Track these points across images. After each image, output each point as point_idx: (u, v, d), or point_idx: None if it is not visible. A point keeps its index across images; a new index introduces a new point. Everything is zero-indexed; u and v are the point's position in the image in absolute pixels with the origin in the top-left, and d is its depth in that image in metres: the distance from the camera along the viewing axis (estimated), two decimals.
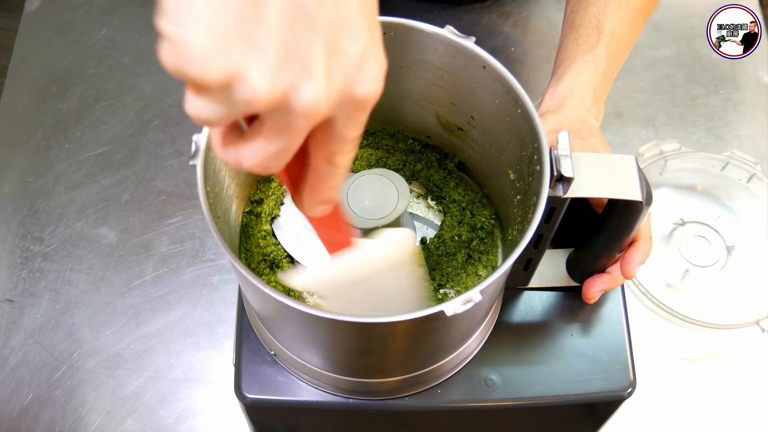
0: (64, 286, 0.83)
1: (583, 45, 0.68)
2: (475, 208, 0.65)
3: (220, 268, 0.84)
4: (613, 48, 0.68)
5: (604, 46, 0.67)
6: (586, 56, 0.66)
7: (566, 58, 0.68)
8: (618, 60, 0.69)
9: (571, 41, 0.69)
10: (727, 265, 0.83)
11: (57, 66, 0.98)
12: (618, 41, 0.68)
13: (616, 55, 0.68)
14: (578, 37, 0.69)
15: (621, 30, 0.68)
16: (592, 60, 0.66)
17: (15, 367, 0.78)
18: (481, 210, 0.65)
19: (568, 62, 0.67)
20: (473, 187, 0.67)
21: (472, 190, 0.66)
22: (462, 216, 0.64)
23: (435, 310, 0.45)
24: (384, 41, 0.35)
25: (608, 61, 0.67)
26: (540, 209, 0.49)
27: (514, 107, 0.54)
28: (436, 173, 0.66)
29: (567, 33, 0.70)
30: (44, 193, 0.88)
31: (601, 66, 0.66)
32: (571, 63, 0.67)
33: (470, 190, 0.66)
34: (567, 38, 0.70)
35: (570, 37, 0.69)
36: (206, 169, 0.51)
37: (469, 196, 0.66)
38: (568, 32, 0.70)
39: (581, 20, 0.69)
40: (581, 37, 0.68)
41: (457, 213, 0.64)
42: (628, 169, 0.52)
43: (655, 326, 0.81)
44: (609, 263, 0.63)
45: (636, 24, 0.70)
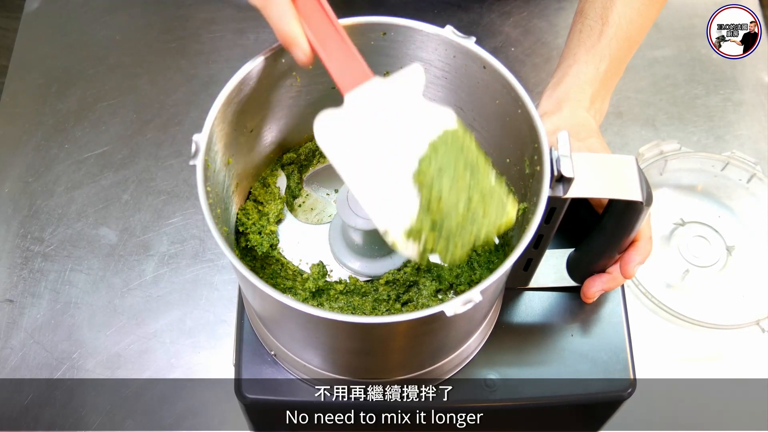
0: (64, 286, 0.83)
1: (586, 40, 0.67)
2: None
3: (220, 268, 0.84)
4: (621, 37, 0.66)
5: (608, 40, 0.66)
6: (587, 55, 0.66)
7: (568, 56, 0.68)
8: (628, 48, 0.68)
9: (575, 33, 0.68)
10: (727, 265, 0.83)
11: (57, 66, 0.98)
12: (627, 28, 0.67)
13: (624, 44, 0.67)
14: (582, 29, 0.68)
15: (630, 16, 0.67)
16: (593, 59, 0.66)
17: (15, 367, 0.78)
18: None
19: (569, 62, 0.67)
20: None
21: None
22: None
23: (435, 310, 0.45)
24: (384, 41, 0.36)
25: (613, 54, 0.66)
26: (540, 209, 0.49)
27: (514, 107, 0.54)
28: None
29: (575, 21, 0.70)
30: (44, 193, 0.88)
31: (604, 63, 0.66)
32: (572, 64, 0.66)
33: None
34: (574, 28, 0.69)
35: (576, 28, 0.69)
36: (206, 170, 0.51)
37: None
38: (576, 20, 0.70)
39: (589, 8, 0.69)
40: (585, 29, 0.67)
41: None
42: (628, 170, 0.52)
43: (655, 326, 0.81)
44: (609, 264, 0.63)
45: (649, 6, 0.69)
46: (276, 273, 0.62)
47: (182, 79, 0.96)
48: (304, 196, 0.67)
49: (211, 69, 0.97)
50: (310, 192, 0.67)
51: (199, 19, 1.02)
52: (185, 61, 0.98)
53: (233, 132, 0.57)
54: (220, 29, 1.00)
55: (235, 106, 0.55)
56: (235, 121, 0.56)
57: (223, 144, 0.55)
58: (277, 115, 0.61)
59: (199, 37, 1.00)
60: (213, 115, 0.52)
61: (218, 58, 0.98)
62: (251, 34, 1.00)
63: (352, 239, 0.60)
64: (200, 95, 0.94)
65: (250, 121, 0.59)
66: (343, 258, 0.62)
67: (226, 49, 0.99)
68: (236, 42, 0.99)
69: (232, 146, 0.57)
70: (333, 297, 0.61)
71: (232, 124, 0.56)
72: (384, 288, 0.60)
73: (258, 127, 0.60)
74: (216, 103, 0.53)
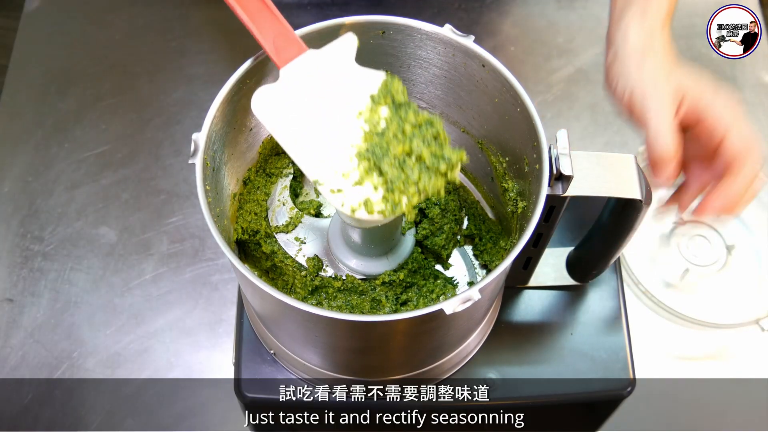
0: (64, 285, 0.83)
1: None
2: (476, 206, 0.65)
3: (220, 268, 0.84)
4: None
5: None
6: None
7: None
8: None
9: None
10: (727, 264, 0.83)
11: (57, 66, 0.98)
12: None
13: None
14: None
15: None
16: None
17: (15, 366, 0.78)
18: (481, 209, 0.65)
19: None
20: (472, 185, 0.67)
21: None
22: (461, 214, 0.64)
23: (434, 308, 0.45)
24: (383, 40, 0.36)
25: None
26: (539, 208, 0.49)
27: (513, 106, 0.54)
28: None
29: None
30: (44, 193, 0.88)
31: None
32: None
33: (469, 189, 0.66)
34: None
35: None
36: (205, 168, 0.51)
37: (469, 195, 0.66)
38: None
39: None
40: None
41: (456, 210, 0.64)
42: (627, 168, 0.52)
43: (655, 326, 0.81)
44: (609, 262, 0.62)
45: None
46: (275, 269, 0.62)
47: (182, 79, 0.96)
48: (303, 195, 0.67)
49: (211, 69, 0.97)
50: (310, 190, 0.67)
51: (198, 19, 1.02)
52: (185, 61, 0.98)
53: (232, 131, 0.57)
54: (219, 28, 1.00)
55: (234, 105, 0.55)
56: (234, 120, 0.56)
57: (222, 143, 0.55)
58: None
59: (199, 36, 1.00)
60: (212, 114, 0.52)
61: (218, 58, 0.98)
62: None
63: (350, 237, 0.60)
64: (200, 95, 0.94)
65: (249, 120, 0.59)
66: (340, 255, 0.62)
67: (226, 49, 0.99)
68: (236, 42, 0.99)
69: (231, 145, 0.57)
70: (331, 296, 0.61)
71: (231, 123, 0.56)
72: (381, 288, 0.61)
73: (257, 126, 0.60)
74: (215, 102, 0.53)
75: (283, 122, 0.51)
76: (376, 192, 0.48)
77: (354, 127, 0.50)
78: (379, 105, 0.50)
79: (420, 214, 0.63)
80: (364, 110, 0.50)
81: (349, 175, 0.49)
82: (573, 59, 0.98)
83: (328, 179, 0.49)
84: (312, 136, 0.50)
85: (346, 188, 0.49)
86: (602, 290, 0.67)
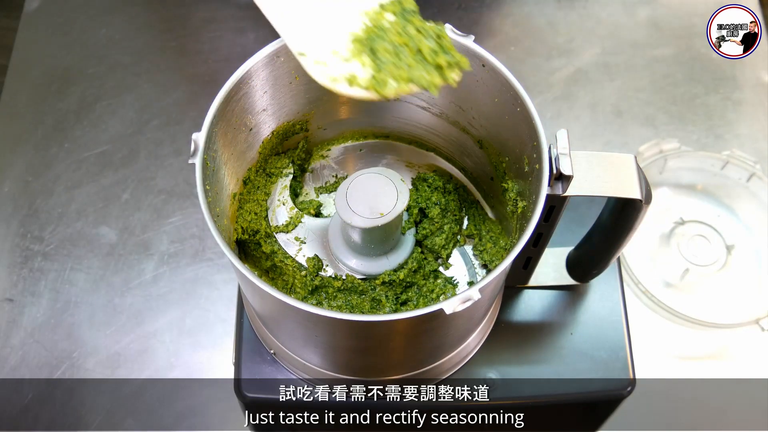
0: (64, 285, 0.83)
1: None
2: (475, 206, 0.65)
3: (219, 267, 0.84)
4: None
5: None
6: None
7: None
8: None
9: None
10: (727, 264, 0.83)
11: (57, 66, 0.98)
12: None
13: None
14: None
15: None
16: None
17: (15, 366, 0.78)
18: (481, 209, 0.65)
19: None
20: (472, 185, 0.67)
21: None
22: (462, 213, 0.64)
23: (434, 308, 0.45)
24: None
25: None
26: (539, 207, 0.49)
27: (513, 106, 0.54)
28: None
29: None
30: (44, 193, 0.88)
31: None
32: None
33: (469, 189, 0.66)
34: None
35: None
36: (205, 168, 0.51)
37: (468, 194, 0.66)
38: None
39: None
40: None
41: (456, 210, 0.64)
42: (627, 168, 0.52)
43: (655, 325, 0.81)
44: (609, 262, 0.63)
45: None
46: (275, 269, 0.62)
47: (182, 79, 0.96)
48: (303, 195, 0.67)
49: (211, 68, 0.97)
50: (310, 190, 0.67)
51: (198, 19, 1.02)
52: (185, 61, 0.98)
53: (232, 131, 0.57)
54: (219, 28, 1.00)
55: (234, 105, 0.55)
56: (234, 120, 0.56)
57: (222, 143, 0.55)
58: (277, 113, 0.61)
59: (199, 36, 1.00)
60: (212, 114, 0.52)
61: (218, 58, 0.98)
62: (251, 33, 1.00)
63: (350, 236, 0.60)
64: (200, 95, 0.94)
65: (249, 119, 0.59)
66: (340, 255, 0.62)
67: (225, 49, 0.99)
68: (236, 41, 0.99)
69: (231, 145, 0.57)
70: (331, 295, 0.61)
71: (231, 122, 0.56)
72: (381, 288, 0.61)
73: (257, 126, 0.60)
74: (215, 102, 0.53)
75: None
76: (364, 69, 0.45)
77: (355, 20, 0.47)
78: (387, 11, 0.47)
79: (420, 214, 0.63)
80: (370, 11, 0.47)
81: (338, 53, 0.46)
82: (573, 59, 0.98)
83: (313, 52, 0.46)
84: (305, 13, 0.47)
85: (331, 62, 0.46)
86: (602, 290, 0.67)
